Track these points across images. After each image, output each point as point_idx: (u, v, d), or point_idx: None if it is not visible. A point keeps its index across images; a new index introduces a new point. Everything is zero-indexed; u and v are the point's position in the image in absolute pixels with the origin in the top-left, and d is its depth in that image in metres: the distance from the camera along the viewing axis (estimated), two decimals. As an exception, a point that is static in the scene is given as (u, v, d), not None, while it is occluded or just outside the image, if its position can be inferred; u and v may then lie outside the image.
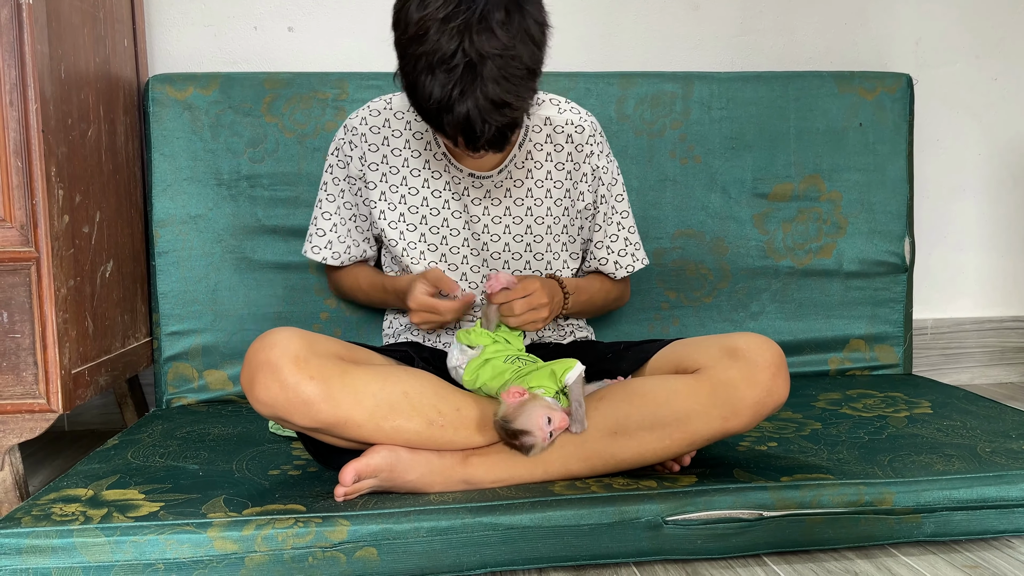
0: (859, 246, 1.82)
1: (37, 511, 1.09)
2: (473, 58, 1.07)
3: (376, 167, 1.37)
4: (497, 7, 1.09)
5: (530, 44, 1.12)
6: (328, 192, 1.43)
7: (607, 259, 1.47)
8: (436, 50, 1.08)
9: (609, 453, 1.17)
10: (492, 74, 1.08)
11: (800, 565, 1.13)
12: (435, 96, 1.10)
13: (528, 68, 1.12)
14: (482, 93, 1.09)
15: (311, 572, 1.05)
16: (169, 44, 1.79)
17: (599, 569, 1.12)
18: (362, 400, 1.11)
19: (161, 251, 1.64)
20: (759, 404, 1.14)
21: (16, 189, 1.26)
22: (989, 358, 2.12)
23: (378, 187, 1.37)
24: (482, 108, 1.09)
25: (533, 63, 1.13)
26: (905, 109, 1.82)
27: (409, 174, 1.36)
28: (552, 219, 1.38)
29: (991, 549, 1.17)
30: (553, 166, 1.38)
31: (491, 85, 1.09)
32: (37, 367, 1.29)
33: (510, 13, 1.10)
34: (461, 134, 1.13)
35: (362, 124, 1.37)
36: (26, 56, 1.24)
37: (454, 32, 1.07)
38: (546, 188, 1.37)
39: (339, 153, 1.40)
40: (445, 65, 1.08)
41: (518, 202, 1.36)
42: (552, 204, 1.38)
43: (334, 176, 1.41)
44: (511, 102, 1.11)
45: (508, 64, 1.09)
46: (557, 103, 1.40)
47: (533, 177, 1.37)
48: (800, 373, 1.80)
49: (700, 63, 1.94)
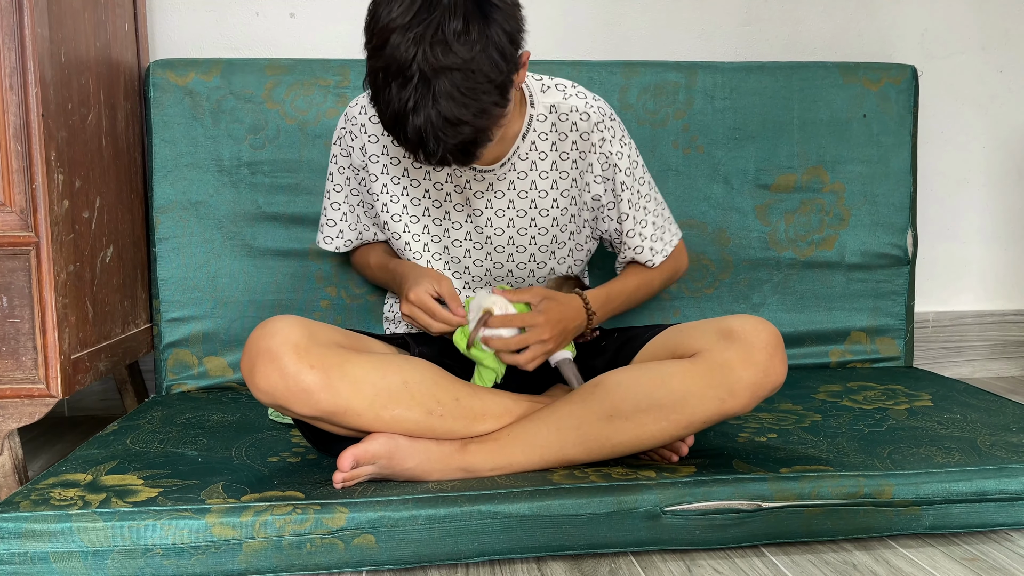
0: (861, 238, 1.81)
1: (36, 496, 1.09)
2: (427, 72, 1.02)
3: (377, 159, 1.33)
4: (454, 16, 1.03)
5: (495, 56, 1.06)
6: (335, 183, 1.40)
7: (642, 247, 1.38)
8: (394, 60, 1.04)
9: (606, 437, 1.16)
10: (445, 90, 1.03)
11: (798, 556, 1.13)
12: (390, 109, 1.06)
13: (492, 82, 1.06)
14: (435, 110, 1.03)
15: (309, 558, 1.05)
16: (170, 29, 1.78)
17: (597, 558, 1.12)
18: (362, 389, 1.11)
19: (161, 237, 1.63)
20: (756, 385, 1.14)
21: (16, 173, 1.25)
22: (990, 351, 2.12)
23: (379, 179, 1.34)
24: (435, 125, 1.04)
25: (499, 76, 1.07)
26: (910, 100, 1.81)
27: (411, 165, 1.32)
28: (558, 211, 1.34)
29: (990, 542, 1.17)
30: (558, 156, 1.32)
31: (444, 102, 1.03)
32: (36, 352, 1.29)
33: (469, 23, 1.04)
34: (416, 149, 1.09)
35: (361, 113, 1.33)
36: (26, 40, 1.23)
37: (411, 42, 1.03)
38: (551, 179, 1.32)
39: (341, 143, 1.37)
40: (401, 77, 1.04)
41: (522, 195, 1.32)
42: (558, 195, 1.33)
43: (339, 165, 1.39)
44: (466, 119, 1.05)
45: (466, 79, 1.04)
46: (563, 88, 1.31)
47: (537, 168, 1.31)
48: (801, 365, 1.79)
49: (704, 53, 1.93)
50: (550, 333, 1.22)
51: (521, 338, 1.21)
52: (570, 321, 1.26)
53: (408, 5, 1.04)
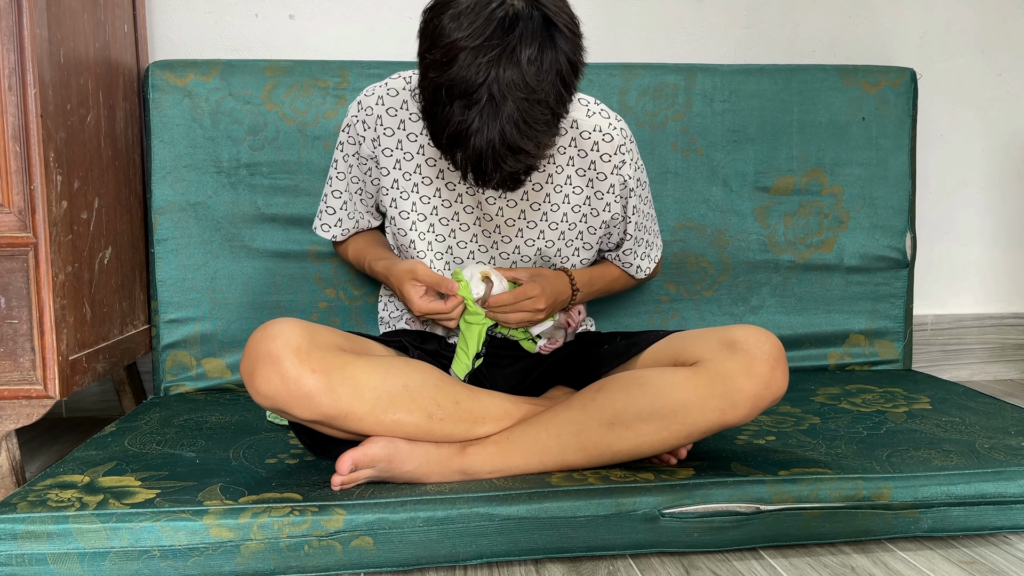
0: (860, 241, 1.81)
1: (33, 497, 1.09)
2: (496, 96, 1.01)
3: (391, 152, 1.30)
4: (530, 43, 1.02)
5: (558, 84, 1.05)
6: (339, 170, 1.38)
7: (631, 263, 1.43)
8: (460, 81, 1.02)
9: (606, 444, 1.16)
10: (512, 115, 1.02)
11: (797, 559, 1.13)
12: (450, 129, 1.04)
13: (553, 112, 1.06)
14: (499, 135, 1.02)
15: (307, 560, 1.05)
16: (170, 30, 1.78)
17: (595, 561, 1.12)
18: (363, 393, 1.11)
19: (160, 238, 1.63)
20: (757, 396, 1.14)
21: (14, 174, 1.25)
22: (989, 354, 2.12)
23: (391, 173, 1.31)
24: (496, 151, 1.03)
25: (558, 106, 1.07)
26: (909, 103, 1.81)
27: (424, 162, 1.30)
28: (567, 225, 1.33)
29: (988, 545, 1.17)
30: (574, 171, 1.30)
31: (509, 127, 1.02)
32: (34, 353, 1.28)
33: (542, 50, 1.03)
34: (471, 171, 1.08)
35: (378, 104, 1.30)
36: (25, 40, 1.23)
37: (483, 64, 1.01)
38: (564, 194, 1.31)
39: (350, 131, 1.33)
40: (466, 99, 1.02)
41: (534, 206, 1.31)
42: (569, 211, 1.32)
43: (344, 153, 1.36)
44: (527, 149, 1.05)
45: (532, 107, 1.03)
46: (587, 104, 1.29)
47: (553, 182, 1.30)
48: (800, 367, 1.79)
49: (703, 55, 1.93)
50: (545, 303, 1.27)
51: (520, 291, 1.25)
52: (558, 295, 1.31)
53: (483, 25, 1.02)
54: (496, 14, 1.02)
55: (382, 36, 1.83)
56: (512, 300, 1.25)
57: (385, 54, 1.83)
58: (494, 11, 1.02)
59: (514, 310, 1.26)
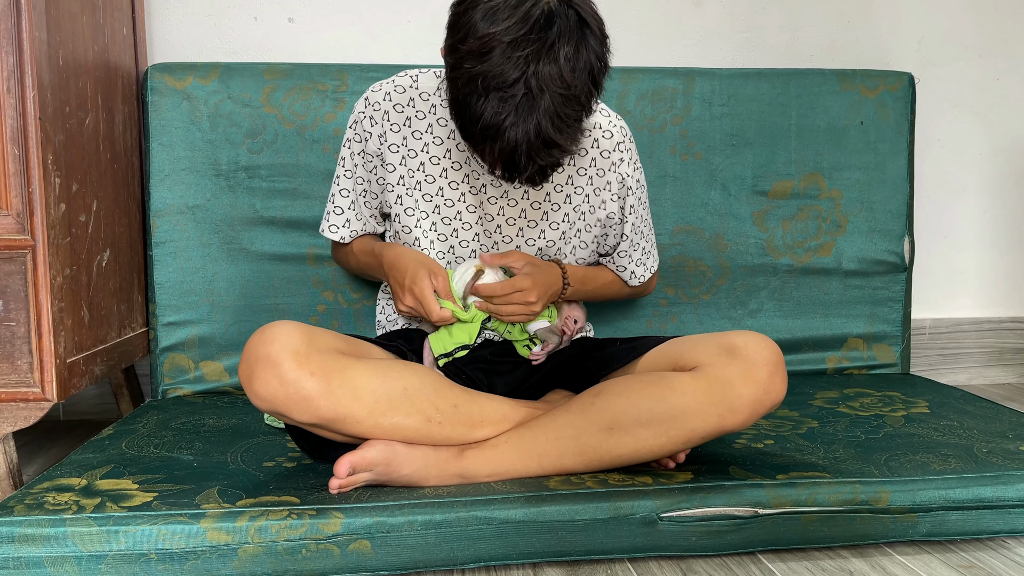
0: (859, 245, 1.81)
1: (30, 500, 1.09)
2: (533, 89, 1.02)
3: (396, 149, 1.30)
4: (568, 40, 1.04)
5: (589, 83, 1.08)
6: (346, 168, 1.37)
7: (625, 267, 1.43)
8: (497, 74, 1.02)
9: (605, 448, 1.16)
10: (548, 109, 1.04)
11: (795, 563, 1.12)
12: (484, 121, 1.05)
13: (584, 108, 1.08)
14: (534, 128, 1.04)
15: (304, 564, 1.05)
16: (169, 33, 1.78)
17: (593, 565, 1.12)
18: (362, 396, 1.11)
19: (158, 241, 1.63)
20: (756, 402, 1.14)
21: (13, 177, 1.25)
22: (987, 358, 2.12)
23: (397, 170, 1.31)
24: (531, 144, 1.05)
25: (588, 102, 1.09)
26: (907, 108, 1.82)
27: (428, 160, 1.30)
28: (567, 225, 1.33)
29: (986, 549, 1.17)
30: (575, 171, 1.32)
31: (545, 121, 1.04)
32: (32, 356, 1.28)
33: (579, 48, 1.05)
34: (501, 165, 1.09)
35: (386, 100, 1.30)
36: (24, 43, 1.23)
37: (520, 60, 1.02)
38: (565, 193, 1.32)
39: (357, 127, 1.33)
40: (502, 92, 1.03)
41: (535, 205, 1.31)
42: (571, 210, 1.33)
43: (351, 151, 1.35)
44: (560, 143, 1.07)
45: (566, 103, 1.05)
46: None
47: (554, 181, 1.31)
48: (798, 371, 1.79)
49: (702, 59, 1.93)
50: (536, 295, 1.25)
51: (510, 282, 1.24)
52: (551, 287, 1.29)
53: (520, 20, 1.03)
54: (532, 12, 1.04)
55: (381, 39, 1.84)
56: (502, 292, 1.24)
57: (384, 57, 1.83)
58: (530, 9, 1.04)
59: (505, 302, 1.25)
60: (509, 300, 1.25)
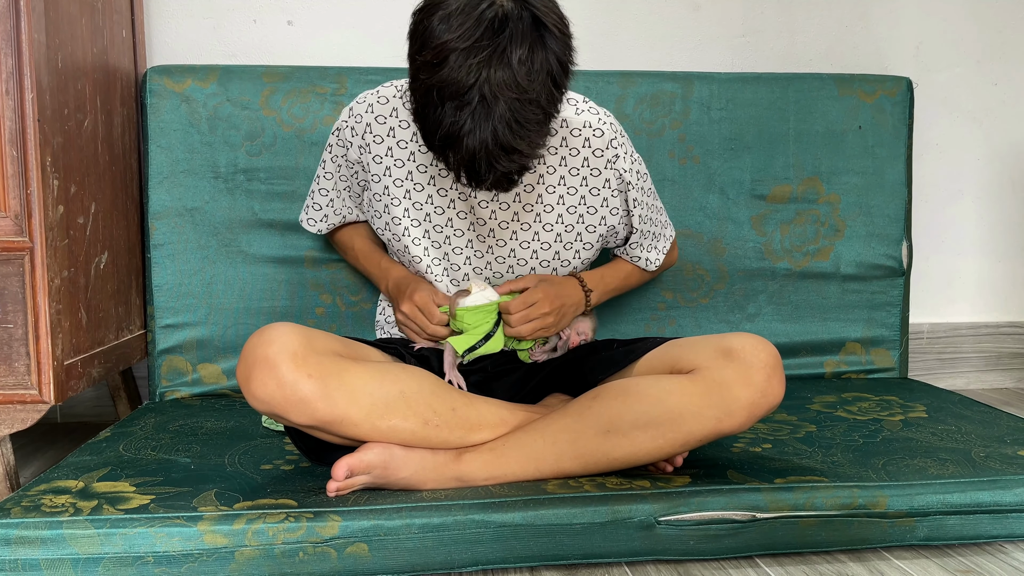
0: (857, 249, 1.81)
1: (27, 502, 1.08)
2: (487, 96, 1.02)
3: (380, 160, 1.32)
4: (521, 43, 1.03)
5: (549, 85, 1.06)
6: (326, 170, 1.40)
7: (639, 257, 1.43)
8: (452, 82, 1.02)
9: (602, 452, 1.16)
10: (504, 115, 1.03)
11: (792, 567, 1.12)
12: (442, 130, 1.05)
13: (544, 111, 1.07)
14: (491, 135, 1.03)
15: (301, 567, 1.05)
16: (168, 36, 1.79)
17: (591, 568, 1.12)
18: (359, 399, 1.11)
19: (157, 243, 1.63)
20: (754, 405, 1.14)
21: (11, 178, 1.25)
22: (985, 363, 2.12)
23: (382, 180, 1.32)
24: (490, 151, 1.05)
25: (550, 105, 1.08)
26: (905, 113, 1.82)
27: (415, 169, 1.31)
28: (562, 226, 1.33)
29: (984, 554, 1.17)
30: (567, 171, 1.31)
31: (501, 127, 1.03)
32: (29, 358, 1.28)
33: (533, 50, 1.04)
34: (464, 173, 1.09)
35: (368, 112, 1.31)
36: (23, 45, 1.23)
37: (474, 65, 1.02)
38: (558, 194, 1.31)
39: (339, 135, 1.35)
40: (457, 100, 1.03)
41: (527, 208, 1.31)
42: (564, 211, 1.32)
43: (333, 155, 1.38)
44: (520, 148, 1.06)
45: (523, 107, 1.04)
46: (575, 103, 1.31)
47: (545, 183, 1.31)
48: (796, 375, 1.79)
49: (700, 63, 1.94)
50: (550, 307, 1.26)
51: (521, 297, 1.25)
52: (568, 298, 1.29)
53: (472, 26, 1.03)
54: (486, 15, 1.03)
55: (380, 42, 1.84)
56: (515, 310, 1.26)
57: (383, 60, 1.83)
58: (483, 12, 1.03)
59: (522, 320, 1.26)
60: (527, 317, 1.26)
